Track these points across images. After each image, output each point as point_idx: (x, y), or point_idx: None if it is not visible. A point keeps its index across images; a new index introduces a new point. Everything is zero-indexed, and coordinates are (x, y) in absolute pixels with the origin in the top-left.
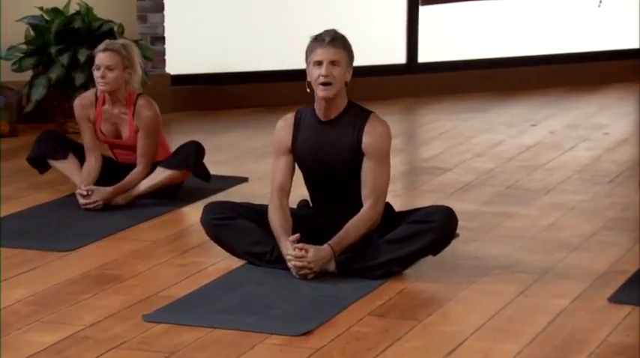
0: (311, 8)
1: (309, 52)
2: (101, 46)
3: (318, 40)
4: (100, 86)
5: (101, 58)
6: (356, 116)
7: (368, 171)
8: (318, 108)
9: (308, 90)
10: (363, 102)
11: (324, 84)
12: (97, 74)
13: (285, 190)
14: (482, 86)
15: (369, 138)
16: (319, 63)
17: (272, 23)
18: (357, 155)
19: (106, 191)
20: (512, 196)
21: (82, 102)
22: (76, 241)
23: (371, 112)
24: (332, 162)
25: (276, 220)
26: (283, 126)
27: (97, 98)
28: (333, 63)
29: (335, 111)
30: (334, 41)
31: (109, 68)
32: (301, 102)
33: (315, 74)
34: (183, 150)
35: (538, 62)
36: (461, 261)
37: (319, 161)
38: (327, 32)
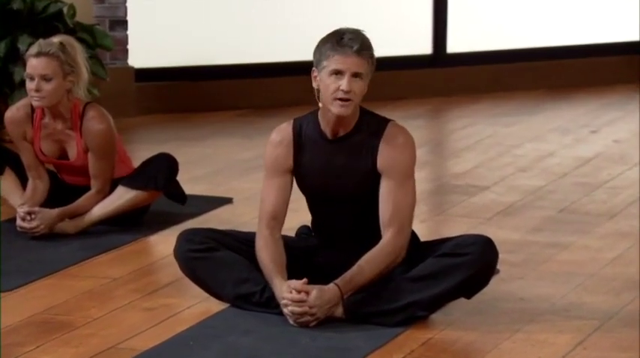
0: None
1: (323, 55)
2: (33, 49)
3: (340, 44)
4: (35, 101)
5: (34, 65)
6: (370, 131)
7: (387, 193)
8: (326, 123)
9: (320, 104)
10: (378, 102)
11: (342, 99)
12: (29, 85)
13: (278, 219)
14: (527, 82)
15: (386, 154)
16: (339, 73)
17: (265, 6)
18: (374, 179)
19: (51, 214)
20: (567, 222)
21: (14, 116)
22: (17, 279)
23: (388, 121)
24: (343, 189)
25: (267, 256)
26: (279, 141)
27: (33, 109)
28: (355, 75)
29: (346, 127)
30: (362, 50)
31: (45, 78)
32: (300, 102)
33: (331, 86)
34: (151, 165)
35: (598, 52)
36: (502, 303)
37: (328, 188)
38: (351, 35)
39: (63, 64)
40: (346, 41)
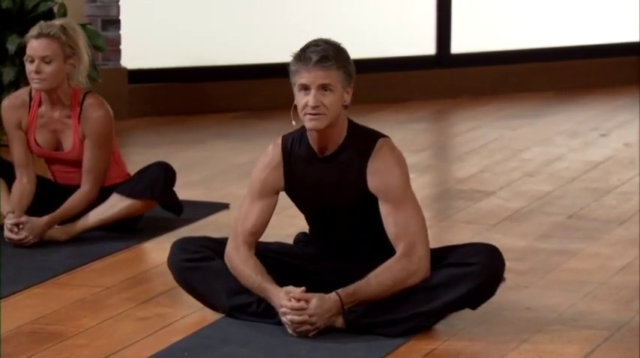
0: None
1: (291, 71)
2: (34, 31)
3: (302, 59)
4: (35, 84)
5: (35, 46)
6: (358, 149)
7: (387, 216)
8: (312, 139)
9: (293, 122)
10: (380, 104)
11: (312, 114)
12: (29, 68)
13: (257, 236)
14: (535, 84)
15: (375, 177)
16: (306, 88)
17: (263, 5)
18: (367, 196)
19: (39, 223)
20: (576, 228)
21: (12, 103)
22: (5, 288)
23: (378, 138)
24: (337, 205)
25: (250, 269)
26: (268, 163)
27: (31, 98)
28: (323, 88)
29: (333, 144)
30: (324, 61)
31: (46, 60)
32: None
33: (301, 101)
34: (148, 173)
35: (609, 53)
36: (508, 313)
37: (322, 204)
38: (314, 47)
39: (64, 46)
40: (308, 54)
